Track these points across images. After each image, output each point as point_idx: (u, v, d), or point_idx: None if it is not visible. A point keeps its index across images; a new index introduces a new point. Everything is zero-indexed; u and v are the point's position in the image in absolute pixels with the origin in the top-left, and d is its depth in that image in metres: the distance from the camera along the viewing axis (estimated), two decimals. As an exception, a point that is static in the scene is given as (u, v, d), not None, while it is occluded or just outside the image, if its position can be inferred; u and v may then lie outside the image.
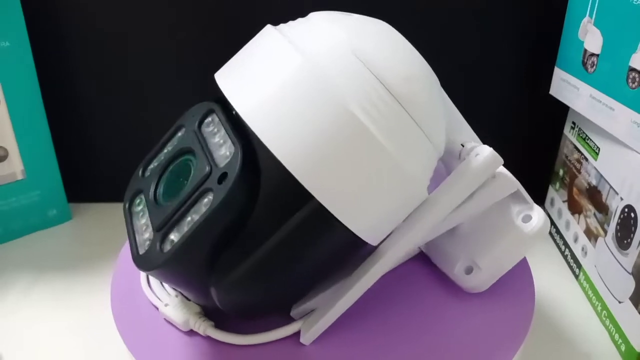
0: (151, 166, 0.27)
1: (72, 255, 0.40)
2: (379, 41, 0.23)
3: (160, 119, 0.42)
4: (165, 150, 0.26)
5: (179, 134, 0.26)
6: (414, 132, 0.23)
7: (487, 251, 0.28)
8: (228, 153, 0.23)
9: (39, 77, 0.41)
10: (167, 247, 0.22)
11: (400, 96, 0.22)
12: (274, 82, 0.22)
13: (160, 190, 0.25)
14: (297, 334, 0.26)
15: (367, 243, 0.24)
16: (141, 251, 0.23)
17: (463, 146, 0.27)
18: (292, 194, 0.22)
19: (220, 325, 0.27)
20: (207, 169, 0.22)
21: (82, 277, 0.38)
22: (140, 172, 0.27)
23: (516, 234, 0.27)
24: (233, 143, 0.22)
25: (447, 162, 0.29)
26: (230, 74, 0.24)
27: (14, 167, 0.40)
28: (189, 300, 0.27)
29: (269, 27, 0.25)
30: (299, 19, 0.25)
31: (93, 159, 0.44)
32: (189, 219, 0.22)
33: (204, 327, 0.26)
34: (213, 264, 0.23)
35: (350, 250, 0.24)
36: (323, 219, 0.22)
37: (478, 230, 0.29)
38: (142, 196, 0.26)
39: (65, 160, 0.44)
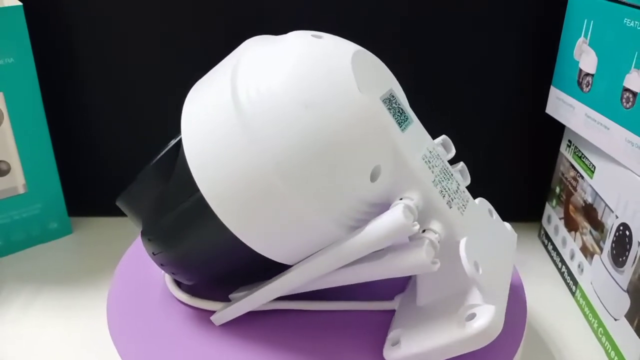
0: None
1: (72, 269, 0.40)
2: (322, 93, 0.23)
3: (163, 135, 0.43)
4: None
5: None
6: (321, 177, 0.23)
7: (414, 332, 0.25)
8: None
9: (42, 92, 0.42)
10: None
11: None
12: (207, 124, 0.24)
13: None
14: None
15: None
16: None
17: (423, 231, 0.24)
18: (187, 180, 0.25)
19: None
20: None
21: (82, 290, 0.38)
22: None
23: (448, 328, 0.23)
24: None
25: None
26: (193, 95, 0.26)
27: (16, 181, 0.40)
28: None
29: (239, 49, 0.26)
30: (277, 40, 0.25)
31: (94, 174, 0.45)
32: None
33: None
34: (144, 217, 0.27)
35: (241, 253, 0.25)
36: (204, 208, 0.24)
37: (425, 308, 0.26)
38: None
39: (66, 174, 0.45)
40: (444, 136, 0.29)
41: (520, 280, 0.32)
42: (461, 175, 0.29)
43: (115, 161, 0.44)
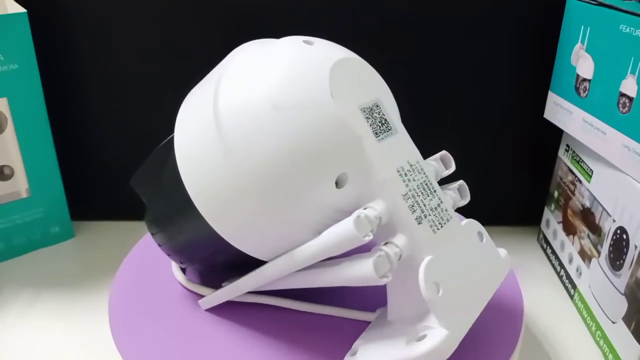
0: None
1: (73, 273, 0.41)
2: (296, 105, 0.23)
3: (166, 139, 0.43)
4: None
5: None
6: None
7: (372, 345, 0.25)
8: None
9: (45, 98, 0.42)
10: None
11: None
12: (192, 133, 0.25)
13: None
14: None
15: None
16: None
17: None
18: (178, 176, 0.26)
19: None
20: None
21: (84, 294, 0.38)
22: None
23: (399, 345, 0.23)
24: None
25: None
26: (186, 100, 0.27)
27: (19, 185, 0.40)
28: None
29: (230, 55, 0.26)
30: (269, 43, 0.26)
31: (96, 178, 0.45)
32: None
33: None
34: (147, 199, 0.29)
35: (221, 245, 0.26)
36: (190, 204, 0.26)
37: (391, 323, 0.26)
38: None
39: (68, 178, 0.45)
40: (444, 152, 0.28)
41: (517, 284, 0.32)
42: (459, 193, 0.28)
43: (118, 165, 0.45)
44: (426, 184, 0.25)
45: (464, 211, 0.45)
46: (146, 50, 0.40)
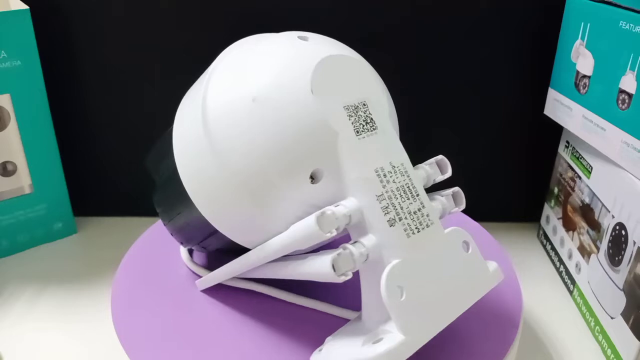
0: None
1: (76, 268, 0.41)
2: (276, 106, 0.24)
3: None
4: None
5: None
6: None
7: (337, 342, 0.25)
8: None
9: (48, 94, 0.42)
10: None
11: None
12: (186, 121, 0.27)
13: None
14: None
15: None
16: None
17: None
18: (173, 160, 0.28)
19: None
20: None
21: (86, 289, 0.39)
22: None
23: (357, 345, 0.23)
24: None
25: None
26: (189, 91, 0.28)
27: (22, 181, 0.41)
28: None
29: (224, 51, 0.27)
30: (255, 41, 0.26)
31: (99, 174, 0.45)
32: None
33: None
34: (155, 179, 0.31)
35: (211, 230, 0.28)
36: (183, 190, 0.27)
37: (361, 323, 0.26)
38: None
39: (71, 175, 0.45)
40: (440, 156, 0.27)
41: (517, 280, 0.33)
42: (453, 200, 0.27)
43: (120, 161, 0.45)
44: (408, 187, 0.25)
45: (464, 209, 0.45)
46: (148, 47, 0.40)
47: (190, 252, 0.34)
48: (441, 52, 0.40)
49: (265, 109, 0.23)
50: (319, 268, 0.23)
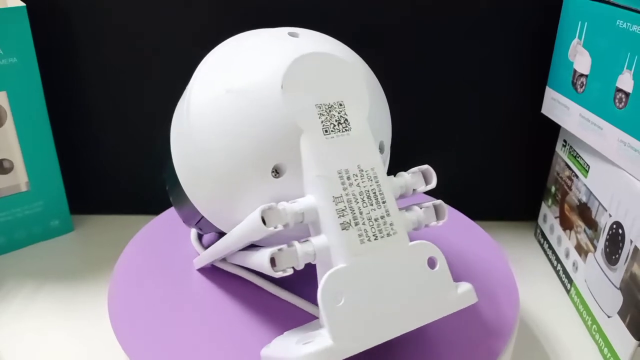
0: None
1: (73, 266, 0.41)
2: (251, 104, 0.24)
3: (165, 133, 0.43)
4: None
5: None
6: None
7: (283, 338, 0.25)
8: None
9: (45, 91, 0.42)
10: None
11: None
12: (178, 110, 0.28)
13: None
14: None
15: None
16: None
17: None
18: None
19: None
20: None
21: (83, 286, 0.39)
22: None
23: (292, 344, 0.23)
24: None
25: None
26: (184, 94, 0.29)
27: (19, 179, 0.41)
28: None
29: (211, 53, 0.27)
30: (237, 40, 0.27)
31: (96, 172, 0.45)
32: None
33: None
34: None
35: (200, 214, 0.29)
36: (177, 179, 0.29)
37: (315, 322, 0.26)
38: None
39: (68, 172, 0.45)
40: (426, 166, 0.26)
41: (513, 278, 0.33)
42: (435, 212, 0.26)
43: (117, 159, 0.45)
44: (374, 193, 0.24)
45: (461, 207, 0.45)
46: (146, 45, 0.40)
47: (200, 236, 0.36)
48: (441, 52, 0.40)
49: (237, 100, 0.24)
50: (260, 260, 0.23)
